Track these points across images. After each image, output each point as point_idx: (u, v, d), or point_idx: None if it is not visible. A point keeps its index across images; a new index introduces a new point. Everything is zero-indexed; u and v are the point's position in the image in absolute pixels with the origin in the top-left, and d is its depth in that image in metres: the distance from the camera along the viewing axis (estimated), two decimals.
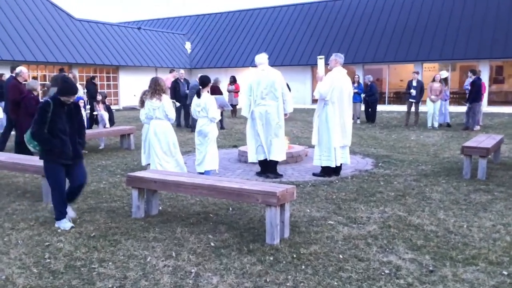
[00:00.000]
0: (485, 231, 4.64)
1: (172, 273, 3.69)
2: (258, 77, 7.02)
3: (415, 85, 14.53)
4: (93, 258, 3.98)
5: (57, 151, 4.67)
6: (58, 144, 4.65)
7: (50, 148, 4.66)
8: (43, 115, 4.60)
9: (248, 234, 4.58)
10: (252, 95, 7.06)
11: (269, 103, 6.97)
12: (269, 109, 6.97)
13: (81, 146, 4.96)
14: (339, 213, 5.25)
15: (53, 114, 4.62)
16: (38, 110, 4.66)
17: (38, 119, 4.62)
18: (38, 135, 4.61)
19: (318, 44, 26.54)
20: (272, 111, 6.98)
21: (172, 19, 36.16)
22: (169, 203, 5.79)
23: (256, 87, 7.00)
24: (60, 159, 4.72)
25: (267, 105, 6.97)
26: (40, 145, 4.70)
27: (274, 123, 6.99)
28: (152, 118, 6.81)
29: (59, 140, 4.65)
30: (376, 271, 3.69)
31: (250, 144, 7.23)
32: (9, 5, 22.19)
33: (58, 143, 4.65)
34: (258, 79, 7.01)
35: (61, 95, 4.69)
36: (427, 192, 6.20)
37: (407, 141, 11.28)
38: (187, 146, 10.53)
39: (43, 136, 4.62)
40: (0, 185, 6.88)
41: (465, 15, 23.77)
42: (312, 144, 7.21)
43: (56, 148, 4.66)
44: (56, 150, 4.66)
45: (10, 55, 20.10)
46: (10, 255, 4.07)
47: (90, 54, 23.98)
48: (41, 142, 4.66)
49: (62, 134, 4.67)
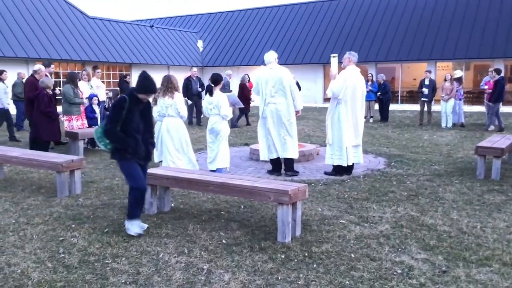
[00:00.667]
0: (499, 232, 4.59)
1: (184, 269, 3.72)
2: (266, 75, 7.05)
3: (428, 84, 14.43)
4: (106, 254, 4.03)
5: (131, 151, 4.39)
6: (132, 143, 4.37)
7: (124, 147, 4.37)
8: (118, 112, 4.31)
9: (259, 232, 4.59)
10: (261, 94, 7.09)
11: (279, 101, 6.98)
12: (279, 106, 6.98)
13: (152, 146, 4.69)
14: (351, 212, 5.24)
15: (128, 112, 4.32)
16: (113, 106, 4.41)
17: (112, 116, 4.34)
18: (112, 133, 4.32)
19: (330, 43, 26.44)
20: (282, 108, 6.99)
21: (185, 18, 36.30)
22: (181, 200, 5.83)
23: (264, 86, 7.03)
24: (133, 159, 4.44)
25: (277, 103, 6.98)
26: (113, 144, 4.40)
27: (285, 120, 7.00)
28: (165, 116, 6.85)
29: (133, 139, 4.38)
30: (388, 270, 3.68)
31: (261, 143, 7.24)
32: (25, 4, 22.48)
33: (132, 142, 4.37)
34: (266, 78, 7.03)
35: (140, 93, 4.36)
36: (440, 192, 6.15)
37: (420, 141, 11.19)
38: (199, 143, 10.57)
39: (117, 134, 4.33)
40: (16, 180, 6.99)
41: (479, 13, 23.48)
42: (326, 143, 7.19)
43: (130, 147, 4.38)
44: (129, 150, 4.38)
45: (25, 53, 20.38)
46: (25, 250, 4.13)
47: (104, 52, 24.19)
48: (114, 140, 4.37)
49: (136, 133, 4.39)
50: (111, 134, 4.34)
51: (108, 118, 4.41)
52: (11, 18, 21.21)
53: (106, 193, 6.17)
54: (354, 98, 6.91)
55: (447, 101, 13.81)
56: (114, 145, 4.40)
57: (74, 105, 9.33)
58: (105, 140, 4.41)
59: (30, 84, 8.68)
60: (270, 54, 7.19)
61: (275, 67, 7.10)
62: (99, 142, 4.48)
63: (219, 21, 33.39)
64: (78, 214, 5.20)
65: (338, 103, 6.91)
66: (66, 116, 9.38)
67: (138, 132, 4.42)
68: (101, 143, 4.45)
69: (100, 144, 4.47)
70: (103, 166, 8.01)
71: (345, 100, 6.85)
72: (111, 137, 4.36)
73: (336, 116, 6.95)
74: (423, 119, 14.84)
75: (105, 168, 7.87)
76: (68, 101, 9.23)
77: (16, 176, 7.27)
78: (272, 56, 7.15)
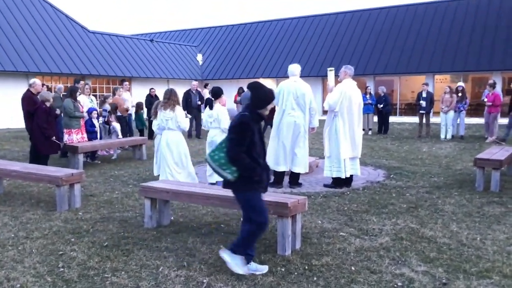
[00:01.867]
0: (499, 244, 4.58)
1: (184, 283, 3.71)
2: (289, 87, 7.04)
3: (425, 96, 14.55)
4: (106, 268, 4.02)
5: (257, 179, 3.73)
6: (259, 171, 3.71)
7: (252, 175, 3.69)
8: (244, 134, 3.64)
9: (259, 245, 4.58)
10: (280, 104, 7.06)
11: (298, 114, 7.02)
12: (297, 120, 7.01)
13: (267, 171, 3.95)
14: (351, 225, 5.23)
15: (251, 133, 3.68)
16: (238, 127, 3.66)
17: (237, 139, 3.64)
18: (240, 158, 3.63)
19: (328, 56, 26.61)
20: (300, 122, 7.03)
21: (184, 32, 36.57)
22: (181, 213, 5.82)
23: (286, 97, 7.01)
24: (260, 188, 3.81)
25: (296, 116, 7.01)
26: (240, 172, 3.67)
27: (301, 134, 7.04)
28: (164, 129, 6.88)
29: (259, 165, 3.72)
30: (389, 283, 3.67)
31: (269, 152, 7.08)
32: (25, 18, 22.67)
33: (259, 169, 3.71)
34: (289, 90, 7.02)
35: (262, 107, 3.74)
36: (439, 204, 6.15)
37: (419, 153, 11.21)
38: (198, 156, 10.59)
39: (245, 159, 3.64)
40: (15, 194, 6.98)
41: (477, 26, 23.69)
42: (324, 155, 7.21)
43: (257, 175, 3.71)
44: (256, 178, 3.72)
45: (25, 67, 20.47)
46: (25, 264, 4.12)
47: (104, 66, 24.32)
48: (242, 167, 3.66)
49: (259, 158, 3.74)
50: (239, 159, 3.63)
51: (232, 141, 3.66)
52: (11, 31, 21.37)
53: (105, 206, 6.16)
54: (350, 111, 6.95)
55: (446, 113, 13.88)
56: (242, 173, 3.68)
57: (74, 119, 9.36)
58: (230, 168, 3.67)
59: (28, 98, 8.71)
60: (295, 66, 7.20)
61: (299, 80, 7.13)
62: (223, 170, 3.71)
63: (218, 35, 33.64)
64: (78, 228, 5.19)
65: (335, 116, 6.96)
66: (66, 130, 9.41)
67: (260, 156, 3.77)
68: (226, 170, 3.69)
69: (224, 172, 3.71)
70: (103, 180, 8.01)
71: (341, 113, 6.90)
72: (239, 163, 3.65)
73: (333, 128, 6.99)
74: (422, 131, 14.90)
75: (105, 181, 7.87)
76: (68, 115, 9.26)
77: (16, 190, 7.27)
78: (297, 68, 7.19)
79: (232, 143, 3.65)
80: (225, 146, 3.69)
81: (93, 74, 23.14)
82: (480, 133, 15.40)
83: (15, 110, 14.28)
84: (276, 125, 7.12)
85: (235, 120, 3.72)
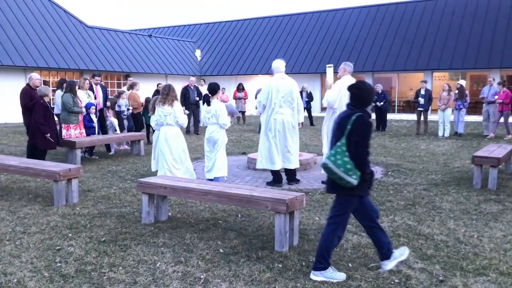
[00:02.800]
0: (496, 241, 4.60)
1: (181, 278, 3.71)
2: (278, 84, 6.96)
3: (423, 93, 14.55)
4: (103, 263, 4.01)
5: (369, 184, 3.68)
6: (372, 172, 3.67)
7: (370, 179, 3.65)
8: (369, 134, 3.57)
9: (257, 241, 4.58)
10: (269, 102, 6.99)
11: (286, 112, 6.99)
12: (286, 117, 6.98)
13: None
14: (348, 221, 5.22)
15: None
16: (363, 128, 3.53)
17: (364, 140, 3.53)
18: (367, 161, 3.56)
19: (327, 53, 26.60)
20: (289, 119, 7.01)
21: (183, 27, 36.49)
22: (178, 209, 5.82)
23: (275, 95, 6.94)
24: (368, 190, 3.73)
25: (284, 113, 6.97)
26: (364, 175, 3.55)
27: (291, 131, 7.02)
28: (163, 125, 6.87)
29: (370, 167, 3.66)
30: (386, 280, 3.68)
31: (262, 152, 7.12)
32: (23, 12, 22.56)
33: (371, 170, 3.68)
34: (277, 86, 6.94)
35: (367, 105, 3.70)
36: (437, 202, 6.16)
37: (417, 150, 11.23)
38: (196, 152, 10.58)
39: (368, 163, 3.58)
40: (12, 189, 6.97)
41: (476, 24, 23.70)
42: (322, 152, 7.21)
43: (371, 177, 3.68)
44: (368, 182, 3.66)
45: (23, 61, 20.41)
46: (22, 259, 4.11)
47: (102, 61, 24.25)
48: (367, 170, 3.58)
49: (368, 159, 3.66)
50: (366, 162, 3.55)
51: (359, 143, 3.51)
52: (9, 26, 21.27)
53: (103, 202, 6.15)
54: None
55: (444, 111, 13.90)
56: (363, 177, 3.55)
57: (73, 114, 9.33)
58: (356, 172, 3.49)
59: (25, 93, 8.66)
60: (281, 62, 7.08)
61: (285, 76, 7.06)
62: (349, 176, 3.49)
63: (217, 30, 33.57)
64: (75, 223, 5.19)
65: (333, 113, 6.96)
66: (64, 125, 9.38)
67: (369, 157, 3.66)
68: (352, 176, 3.48)
69: (349, 178, 3.48)
70: (100, 175, 8.00)
71: (340, 110, 6.89)
72: (366, 166, 3.55)
73: (331, 125, 6.97)
74: (420, 128, 14.92)
75: (102, 177, 7.86)
76: (67, 110, 9.24)
77: (13, 185, 7.25)
78: (283, 64, 7.08)
79: (361, 145, 3.52)
80: (346, 150, 3.51)
81: (91, 69, 23.08)
82: (478, 130, 15.43)
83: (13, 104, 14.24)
84: (265, 124, 7.04)
85: (357, 122, 3.52)
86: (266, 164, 7.08)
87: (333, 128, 3.74)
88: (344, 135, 3.55)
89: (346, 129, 3.54)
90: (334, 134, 3.71)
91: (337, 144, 3.57)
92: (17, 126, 16.55)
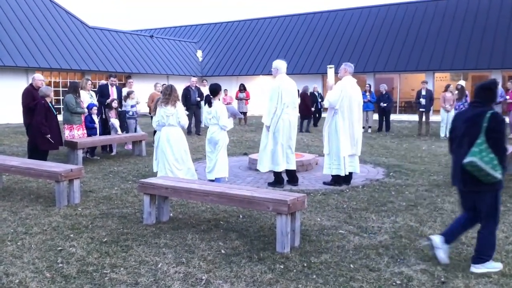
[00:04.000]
0: (498, 242, 4.58)
1: (183, 279, 3.71)
2: (286, 85, 6.95)
3: (424, 94, 14.54)
4: (105, 264, 4.02)
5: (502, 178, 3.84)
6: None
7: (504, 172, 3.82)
8: (505, 130, 3.82)
9: (258, 242, 4.58)
10: (279, 103, 6.89)
11: (292, 112, 7.01)
12: (291, 118, 7.01)
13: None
14: (350, 222, 5.24)
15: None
16: (501, 124, 3.77)
17: (502, 137, 3.77)
18: (506, 156, 3.80)
19: (328, 53, 26.58)
20: (294, 120, 7.04)
21: (184, 28, 36.50)
22: (180, 209, 5.82)
23: (285, 96, 6.90)
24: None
25: (290, 114, 6.99)
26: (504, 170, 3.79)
27: (294, 132, 7.05)
28: (164, 125, 6.87)
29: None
30: (387, 281, 3.67)
31: (266, 154, 7.04)
32: (24, 13, 22.60)
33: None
34: (287, 88, 6.94)
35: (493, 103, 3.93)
36: (438, 203, 6.16)
37: (419, 151, 11.22)
38: (197, 153, 10.58)
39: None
40: (14, 189, 6.97)
41: (477, 25, 23.67)
42: (324, 153, 7.20)
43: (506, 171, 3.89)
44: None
45: (25, 62, 20.43)
46: (24, 259, 4.12)
47: (103, 62, 24.27)
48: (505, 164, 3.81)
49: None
50: (506, 157, 3.79)
51: (500, 141, 3.74)
52: (11, 27, 21.30)
53: (104, 202, 6.16)
54: (350, 108, 6.94)
55: (448, 112, 13.84)
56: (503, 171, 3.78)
57: (76, 115, 9.35)
58: (500, 167, 3.73)
59: (27, 93, 8.68)
60: (283, 63, 7.08)
61: (287, 77, 7.09)
62: (496, 171, 3.70)
63: (218, 31, 33.57)
64: (77, 223, 5.19)
65: (335, 113, 6.95)
66: (67, 126, 9.39)
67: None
68: (498, 171, 3.71)
69: (497, 173, 3.71)
70: (102, 176, 8.01)
71: (341, 111, 6.89)
72: (505, 160, 3.80)
73: (333, 126, 6.98)
74: (421, 129, 14.89)
75: (104, 177, 7.87)
76: (70, 111, 9.25)
77: (15, 185, 7.26)
78: (285, 65, 7.10)
79: (502, 141, 3.74)
80: (489, 146, 3.69)
81: (92, 69, 23.09)
82: None
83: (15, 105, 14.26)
84: (274, 125, 6.94)
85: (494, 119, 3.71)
86: (270, 166, 7.07)
87: (463, 126, 3.88)
88: (481, 132, 3.70)
89: (482, 126, 3.70)
90: (466, 132, 3.84)
91: (478, 142, 3.72)
92: (18, 127, 16.55)
